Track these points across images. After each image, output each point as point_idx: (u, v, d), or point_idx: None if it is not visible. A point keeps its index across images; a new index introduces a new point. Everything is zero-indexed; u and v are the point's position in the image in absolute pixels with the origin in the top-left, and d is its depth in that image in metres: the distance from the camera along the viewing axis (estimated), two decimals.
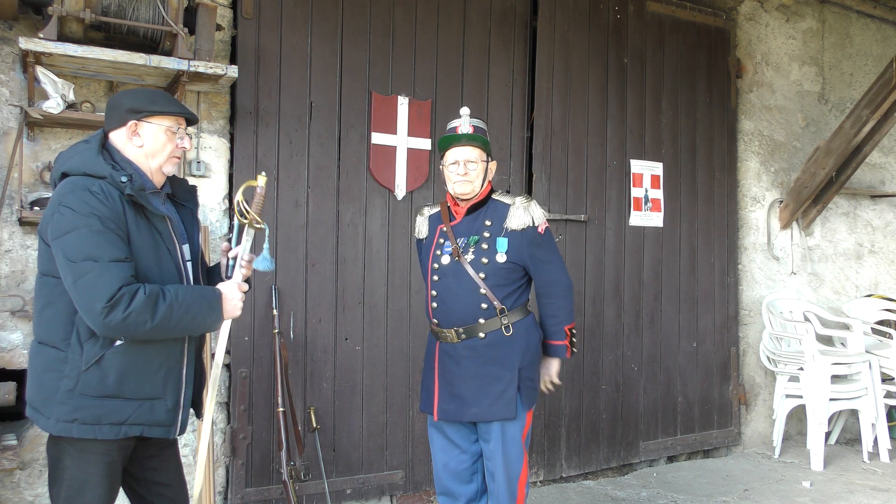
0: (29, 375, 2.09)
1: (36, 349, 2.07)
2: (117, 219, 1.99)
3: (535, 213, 2.74)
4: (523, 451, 2.76)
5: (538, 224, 2.73)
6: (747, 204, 5.23)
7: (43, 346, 2.05)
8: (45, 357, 2.03)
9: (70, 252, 1.93)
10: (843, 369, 4.75)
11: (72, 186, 1.99)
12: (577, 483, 4.39)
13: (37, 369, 2.05)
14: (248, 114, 3.56)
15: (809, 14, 5.61)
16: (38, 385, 2.04)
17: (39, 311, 2.08)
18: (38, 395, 2.04)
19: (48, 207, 2.03)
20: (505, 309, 2.69)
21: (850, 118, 4.90)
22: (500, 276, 2.71)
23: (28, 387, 2.08)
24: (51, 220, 1.98)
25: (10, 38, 3.09)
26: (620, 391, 4.59)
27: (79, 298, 1.94)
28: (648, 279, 4.72)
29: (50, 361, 2.02)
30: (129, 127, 2.12)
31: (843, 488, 4.33)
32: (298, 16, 3.68)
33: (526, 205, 2.75)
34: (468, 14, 4.15)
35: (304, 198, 3.69)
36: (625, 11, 4.68)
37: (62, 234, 1.95)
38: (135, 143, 2.13)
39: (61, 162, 2.09)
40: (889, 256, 5.94)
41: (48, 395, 2.01)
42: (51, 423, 2.00)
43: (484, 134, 2.83)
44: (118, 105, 2.14)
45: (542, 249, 2.73)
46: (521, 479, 2.73)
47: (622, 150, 4.65)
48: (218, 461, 3.43)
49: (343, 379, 3.74)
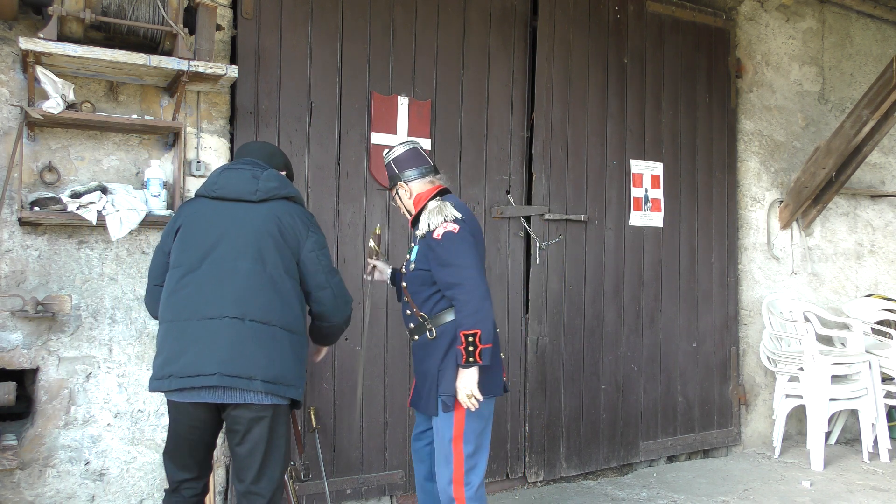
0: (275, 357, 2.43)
1: (281, 334, 2.46)
2: None
3: (433, 219, 2.77)
4: (452, 453, 2.76)
5: (433, 229, 2.75)
6: (747, 204, 5.23)
7: (289, 332, 2.48)
8: (294, 341, 2.49)
9: (327, 263, 2.61)
10: (843, 369, 4.75)
11: (308, 213, 2.67)
12: (577, 483, 4.39)
13: (286, 351, 2.46)
14: (248, 114, 3.56)
15: (809, 14, 5.61)
16: (291, 363, 2.47)
17: (281, 304, 2.48)
18: (293, 372, 2.47)
19: (295, 221, 2.57)
20: (424, 314, 2.83)
21: (850, 118, 4.90)
22: (416, 283, 2.86)
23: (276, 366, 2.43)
24: (309, 233, 2.58)
25: (10, 38, 3.09)
26: (620, 391, 4.59)
27: (335, 293, 2.63)
28: (648, 279, 4.72)
29: (297, 345, 2.50)
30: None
31: (843, 488, 4.33)
32: (298, 16, 3.68)
33: (431, 210, 2.79)
34: (468, 14, 4.15)
35: (304, 198, 3.68)
36: (625, 11, 4.68)
37: (324, 246, 2.63)
38: None
39: (282, 185, 2.61)
40: (889, 256, 5.94)
41: (300, 372, 2.51)
42: (300, 391, 2.50)
43: (390, 169, 2.98)
44: (276, 154, 2.82)
45: (438, 254, 2.73)
46: (455, 477, 2.76)
47: (622, 150, 4.65)
48: (218, 461, 3.43)
49: (343, 379, 3.74)
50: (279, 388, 2.42)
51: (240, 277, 2.44)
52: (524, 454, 4.24)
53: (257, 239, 2.48)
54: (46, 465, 3.12)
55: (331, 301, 2.62)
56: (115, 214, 3.04)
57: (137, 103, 3.32)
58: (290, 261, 2.52)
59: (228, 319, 2.39)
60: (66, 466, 3.15)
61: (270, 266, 2.47)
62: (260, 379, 2.38)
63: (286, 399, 2.48)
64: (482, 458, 2.83)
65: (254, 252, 2.47)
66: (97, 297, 3.22)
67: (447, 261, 2.71)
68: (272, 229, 2.50)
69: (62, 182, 3.15)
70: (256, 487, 2.46)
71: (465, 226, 2.75)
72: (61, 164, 3.17)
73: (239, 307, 2.41)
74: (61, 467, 3.14)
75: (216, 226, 2.49)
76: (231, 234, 2.47)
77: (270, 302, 2.45)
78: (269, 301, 2.45)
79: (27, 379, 3.17)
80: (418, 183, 2.89)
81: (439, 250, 2.72)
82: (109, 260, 3.25)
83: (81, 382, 3.17)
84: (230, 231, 2.48)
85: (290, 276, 2.51)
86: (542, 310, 4.32)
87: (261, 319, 2.42)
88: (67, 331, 3.16)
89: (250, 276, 2.45)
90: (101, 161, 3.25)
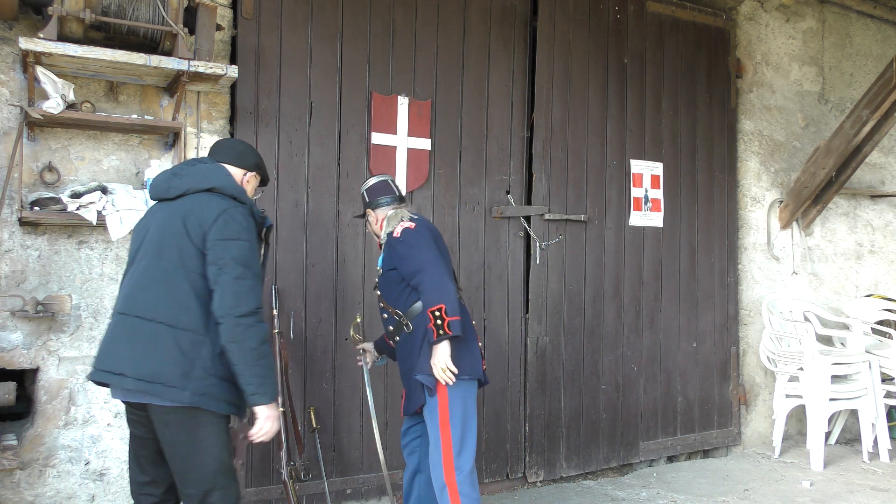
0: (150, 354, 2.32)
1: (164, 330, 2.33)
2: (256, 240, 2.50)
3: (391, 223, 3.05)
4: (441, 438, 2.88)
5: (392, 230, 3.02)
6: (747, 204, 5.23)
7: (175, 329, 2.33)
8: (181, 339, 2.33)
9: (237, 256, 2.38)
10: (842, 369, 4.75)
11: (232, 204, 2.46)
12: (577, 483, 4.39)
13: (168, 349, 2.32)
14: (248, 114, 3.56)
15: (809, 14, 5.61)
16: (173, 362, 2.31)
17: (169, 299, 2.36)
18: (172, 371, 2.31)
19: (203, 212, 2.41)
20: (399, 311, 3.00)
21: (850, 118, 4.90)
22: (387, 285, 3.05)
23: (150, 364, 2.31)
24: (214, 224, 2.39)
25: (10, 38, 3.09)
26: (620, 391, 4.59)
27: (229, 292, 2.34)
28: (648, 279, 4.72)
29: (186, 343, 2.33)
30: (246, 175, 2.67)
31: (843, 488, 4.33)
32: (298, 16, 3.68)
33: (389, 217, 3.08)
34: (468, 14, 4.15)
35: (304, 198, 3.69)
36: (625, 11, 4.68)
37: (230, 238, 2.39)
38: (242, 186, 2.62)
39: (202, 178, 2.49)
40: (889, 256, 5.94)
41: (185, 372, 2.31)
42: (186, 394, 2.31)
43: (363, 198, 3.22)
44: (248, 154, 2.70)
45: (399, 250, 2.96)
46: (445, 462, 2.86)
47: (622, 150, 4.65)
48: None
49: (343, 379, 3.74)
50: (155, 388, 2.30)
51: (137, 274, 2.44)
52: (524, 454, 4.24)
53: (161, 235, 2.44)
54: (46, 465, 3.12)
55: (217, 301, 2.36)
56: (116, 214, 3.05)
57: (137, 103, 3.33)
58: (190, 255, 2.39)
59: (118, 315, 2.42)
60: (66, 466, 3.15)
61: (166, 261, 2.40)
62: (131, 376, 2.31)
63: (173, 401, 2.31)
64: (470, 442, 2.92)
65: (155, 248, 2.44)
66: (97, 297, 3.22)
67: (407, 252, 2.93)
68: (177, 223, 2.42)
69: (62, 182, 3.15)
70: (185, 489, 2.42)
71: (420, 223, 3.00)
72: (61, 164, 3.17)
73: (127, 303, 2.41)
74: (61, 467, 3.14)
75: (144, 227, 2.53)
76: (151, 234, 2.48)
77: (157, 298, 2.37)
78: (157, 297, 2.37)
79: (27, 379, 3.17)
80: (384, 210, 3.14)
81: (399, 246, 2.95)
82: (109, 260, 3.25)
83: (81, 382, 3.17)
84: (151, 231, 2.48)
85: (185, 271, 2.38)
86: (542, 310, 4.32)
87: (143, 315, 2.36)
88: (67, 331, 3.16)
89: (145, 273, 2.42)
90: (101, 161, 3.25)
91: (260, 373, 2.36)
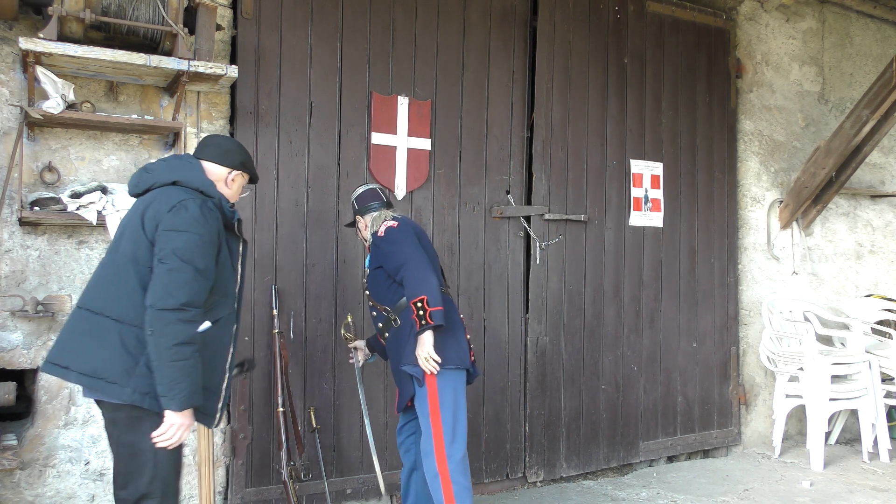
0: (95, 349, 2.28)
1: (109, 325, 2.29)
2: (217, 234, 2.39)
3: (375, 223, 3.14)
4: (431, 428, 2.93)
5: (377, 230, 3.11)
6: (747, 204, 5.23)
7: (121, 324, 2.28)
8: (126, 334, 2.28)
9: (179, 248, 2.28)
10: (842, 369, 4.75)
11: (191, 195, 2.38)
12: (577, 483, 4.39)
13: (112, 344, 2.27)
14: (248, 114, 3.56)
15: (809, 14, 5.61)
16: (115, 358, 2.26)
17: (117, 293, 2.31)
18: (114, 367, 2.26)
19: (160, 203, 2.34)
20: (387, 307, 3.09)
21: (850, 118, 4.90)
22: (375, 283, 3.14)
23: (93, 358, 2.27)
24: (166, 214, 2.31)
25: (10, 38, 3.09)
26: (620, 391, 4.59)
27: (160, 283, 2.25)
28: (648, 279, 4.72)
29: (130, 339, 2.27)
30: (231, 174, 2.58)
31: (843, 488, 4.33)
32: (298, 16, 3.68)
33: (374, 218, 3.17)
34: (468, 14, 4.15)
35: (304, 198, 3.69)
36: (625, 11, 4.68)
37: (176, 229, 2.30)
38: (227, 185, 2.57)
39: (168, 171, 2.44)
40: (889, 256, 5.94)
41: (127, 368, 2.26)
42: (127, 392, 2.25)
43: (353, 207, 3.30)
44: (232, 152, 2.60)
45: (383, 248, 3.05)
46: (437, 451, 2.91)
47: (622, 150, 4.65)
48: (218, 461, 3.43)
49: (343, 379, 3.74)
50: (97, 384, 2.26)
51: (97, 268, 2.44)
52: (524, 454, 4.24)
53: (122, 229, 2.42)
54: (46, 465, 3.12)
55: (148, 291, 2.27)
56: (116, 214, 3.05)
57: (137, 103, 3.33)
58: (142, 248, 2.32)
59: (75, 308, 2.40)
60: (66, 466, 3.15)
61: (120, 254, 2.36)
62: (75, 370, 2.29)
63: (113, 398, 2.27)
64: (460, 431, 2.98)
65: (114, 242, 2.43)
66: None
67: (391, 249, 3.02)
68: (135, 217, 2.38)
69: (62, 182, 3.15)
70: (123, 493, 2.36)
71: (403, 222, 3.11)
72: (61, 164, 3.17)
73: (83, 296, 2.39)
74: (61, 467, 3.14)
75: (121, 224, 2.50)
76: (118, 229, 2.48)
77: (107, 291, 2.34)
78: (106, 290, 2.34)
79: (27, 379, 3.17)
80: (371, 216, 3.23)
81: (383, 244, 3.05)
82: None
83: None
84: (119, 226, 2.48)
85: (136, 264, 2.32)
86: (542, 310, 4.32)
87: (93, 309, 2.33)
88: None
89: (101, 266, 2.42)
90: (101, 161, 3.25)
91: (171, 375, 2.22)
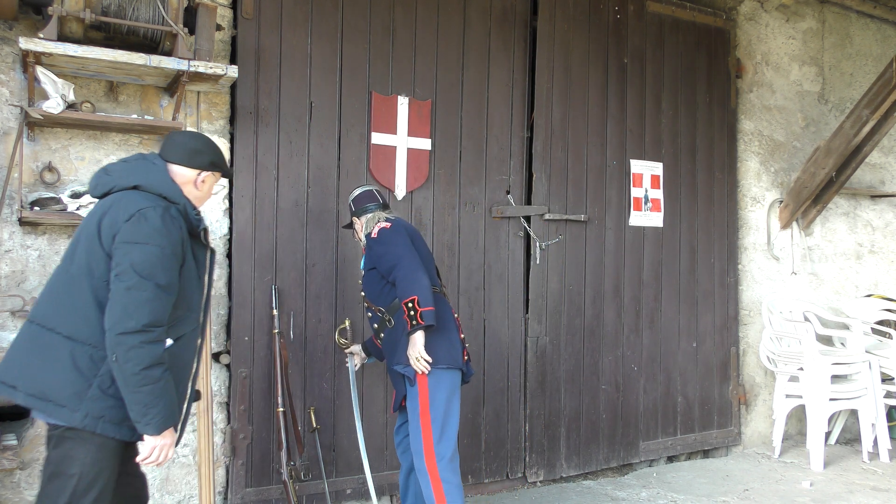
0: (44, 368, 2.12)
1: (60, 342, 2.12)
2: (180, 244, 2.20)
3: (369, 225, 3.18)
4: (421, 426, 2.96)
5: (370, 231, 3.14)
6: (747, 204, 5.23)
7: (72, 342, 2.12)
8: (78, 353, 2.11)
9: (137, 263, 2.09)
10: (842, 369, 4.75)
11: (152, 202, 2.19)
12: (577, 483, 4.39)
13: (63, 363, 2.11)
14: (248, 114, 3.56)
15: (809, 14, 5.61)
16: (65, 379, 2.10)
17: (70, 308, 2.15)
18: (63, 389, 2.09)
19: (118, 211, 2.16)
20: (382, 308, 3.11)
21: (850, 118, 4.90)
22: (370, 284, 3.17)
23: (42, 379, 2.12)
24: (124, 224, 2.13)
25: (10, 38, 3.09)
26: (620, 391, 4.59)
27: (118, 303, 2.07)
28: (648, 279, 4.72)
29: (83, 358, 2.11)
30: (201, 175, 2.38)
31: (843, 488, 4.33)
32: (298, 16, 3.68)
33: (368, 219, 3.21)
34: (468, 14, 4.15)
35: (304, 198, 3.69)
36: (625, 11, 4.68)
37: (135, 241, 2.11)
38: (197, 188, 2.38)
39: (128, 174, 2.26)
40: (889, 256, 5.94)
41: (78, 391, 2.09)
42: (78, 416, 2.08)
43: (350, 209, 3.33)
44: (201, 152, 2.39)
45: (376, 249, 3.08)
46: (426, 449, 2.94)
47: (622, 150, 4.65)
48: (218, 461, 3.43)
49: (343, 379, 3.74)
50: (46, 406, 2.09)
51: (50, 279, 2.26)
52: (524, 454, 4.24)
53: (77, 237, 2.24)
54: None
55: (106, 313, 2.09)
56: None
57: (137, 103, 3.33)
58: (98, 260, 2.14)
59: (26, 322, 2.22)
60: None
61: (74, 265, 2.18)
62: (23, 391, 2.11)
63: (63, 422, 2.09)
64: (450, 430, 2.99)
65: (69, 251, 2.23)
66: None
67: (383, 250, 3.05)
68: (92, 224, 2.19)
69: (62, 182, 3.15)
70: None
71: (396, 223, 3.12)
72: (61, 164, 3.17)
73: (34, 309, 2.22)
74: None
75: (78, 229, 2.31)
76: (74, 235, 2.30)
77: (59, 306, 2.16)
78: (59, 305, 2.16)
79: None
80: (366, 218, 3.26)
81: (376, 245, 3.08)
82: None
83: None
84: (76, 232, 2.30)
85: (91, 278, 2.14)
86: (542, 310, 4.32)
87: (44, 324, 2.15)
88: None
89: (55, 276, 2.23)
90: (101, 161, 3.24)
91: (143, 401, 2.07)
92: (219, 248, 3.49)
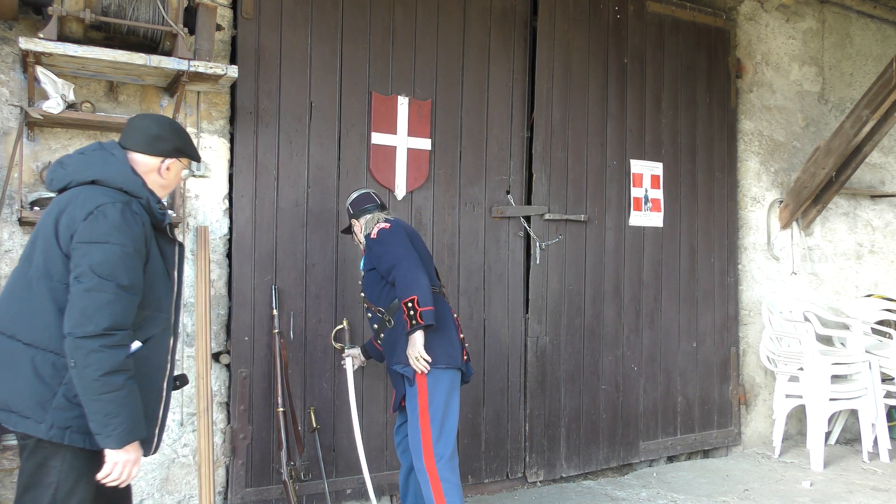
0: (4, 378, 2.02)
1: (21, 350, 2.01)
2: (143, 241, 2.07)
3: (368, 225, 3.20)
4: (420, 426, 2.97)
5: (369, 232, 3.16)
6: (747, 204, 5.23)
7: (33, 349, 2.01)
8: (39, 361, 2.00)
9: (97, 263, 1.97)
10: (842, 369, 4.75)
11: (111, 197, 2.05)
12: (577, 483, 4.39)
13: (24, 372, 1.99)
14: (248, 114, 3.56)
15: (809, 14, 5.61)
16: (28, 389, 1.99)
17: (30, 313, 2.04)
18: (26, 399, 1.99)
19: (75, 209, 2.03)
20: (382, 309, 3.12)
21: (850, 118, 4.90)
22: (369, 284, 3.19)
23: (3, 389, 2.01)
24: (82, 223, 2.00)
25: (10, 38, 3.09)
26: (620, 391, 4.59)
27: (77, 306, 1.96)
28: (648, 279, 4.72)
29: (45, 366, 2.00)
30: (165, 163, 2.23)
31: (843, 488, 4.33)
32: (298, 16, 3.68)
33: (367, 220, 3.23)
34: (468, 14, 4.15)
35: (304, 198, 3.69)
36: (625, 11, 4.68)
37: (94, 240, 1.99)
38: (161, 176, 2.24)
39: (85, 168, 2.12)
40: (889, 256, 5.94)
41: (41, 401, 1.98)
42: (43, 428, 1.98)
43: (348, 212, 3.35)
44: (163, 138, 2.22)
45: (375, 250, 3.10)
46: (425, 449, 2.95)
47: (622, 150, 4.65)
48: (218, 461, 3.43)
49: (343, 379, 3.74)
50: (10, 418, 1.99)
51: (9, 281, 2.14)
52: (524, 454, 4.24)
53: (34, 236, 2.11)
54: None
55: (66, 315, 1.97)
56: None
57: (137, 103, 3.32)
58: (56, 261, 2.03)
59: None
60: None
61: (32, 267, 2.06)
62: None
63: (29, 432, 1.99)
64: (449, 430, 3.01)
65: (27, 252, 2.12)
66: None
67: (383, 250, 3.06)
68: (49, 223, 2.07)
69: None
70: None
71: (395, 223, 3.14)
72: None
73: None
74: None
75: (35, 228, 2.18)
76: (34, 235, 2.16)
77: (18, 311, 2.04)
78: (19, 309, 2.04)
79: None
80: (365, 219, 3.27)
81: (376, 246, 3.10)
82: None
83: None
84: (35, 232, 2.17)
85: (49, 280, 2.02)
86: (542, 310, 4.32)
87: (2, 330, 2.04)
88: None
89: (13, 279, 2.12)
90: None
91: (104, 409, 1.94)
92: (219, 249, 3.49)
